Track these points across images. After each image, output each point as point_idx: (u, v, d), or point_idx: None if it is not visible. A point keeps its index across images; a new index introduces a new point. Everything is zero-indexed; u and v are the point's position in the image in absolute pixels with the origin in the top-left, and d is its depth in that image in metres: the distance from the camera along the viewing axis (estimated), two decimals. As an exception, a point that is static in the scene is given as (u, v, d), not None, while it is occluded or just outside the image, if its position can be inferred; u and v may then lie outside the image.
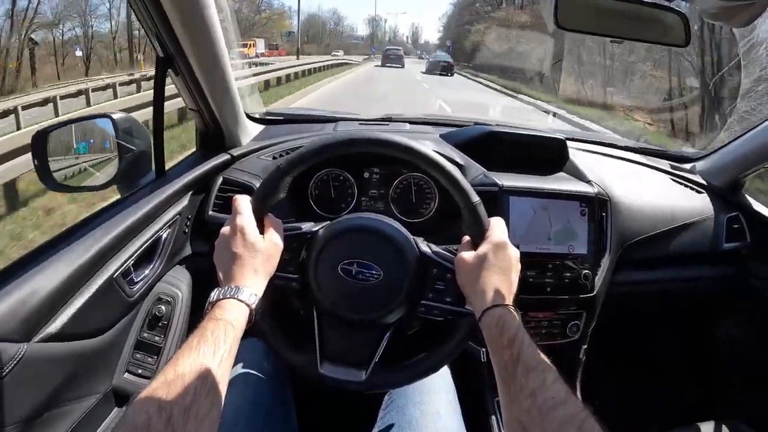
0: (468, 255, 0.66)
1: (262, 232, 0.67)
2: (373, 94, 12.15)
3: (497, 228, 0.68)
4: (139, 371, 0.86)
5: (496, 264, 0.64)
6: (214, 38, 0.84)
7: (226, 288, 0.61)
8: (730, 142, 1.27)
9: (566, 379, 0.51)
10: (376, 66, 27.03)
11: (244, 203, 0.67)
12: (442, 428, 0.77)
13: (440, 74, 22.59)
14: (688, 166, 1.34)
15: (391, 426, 0.78)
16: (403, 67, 27.32)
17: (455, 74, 24.14)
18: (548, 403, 0.48)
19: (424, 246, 0.71)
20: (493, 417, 1.01)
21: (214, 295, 0.60)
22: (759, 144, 1.17)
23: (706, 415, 0.96)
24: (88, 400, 0.77)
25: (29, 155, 1.50)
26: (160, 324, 0.89)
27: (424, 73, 23.62)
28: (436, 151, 0.70)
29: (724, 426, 0.92)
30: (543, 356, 0.54)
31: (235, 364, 0.69)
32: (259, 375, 0.84)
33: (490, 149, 1.12)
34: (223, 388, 0.52)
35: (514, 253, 0.67)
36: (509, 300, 0.62)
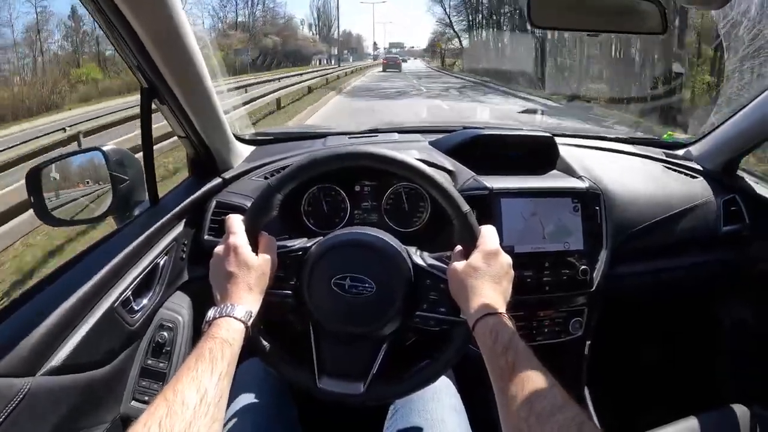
0: (460, 265, 0.66)
1: (255, 250, 0.67)
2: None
3: (488, 236, 0.68)
4: (146, 398, 0.86)
5: (488, 272, 0.64)
6: (195, 66, 0.85)
7: (222, 306, 0.62)
8: (720, 125, 1.26)
9: (572, 375, 0.50)
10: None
11: (236, 222, 0.68)
12: None
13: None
14: (681, 152, 1.33)
15: None
16: (400, 71, 28.79)
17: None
18: (546, 409, 0.48)
19: (417, 257, 0.72)
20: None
21: (210, 314, 0.62)
22: (749, 124, 1.16)
23: (715, 400, 0.95)
24: (96, 429, 0.78)
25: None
26: (163, 350, 0.90)
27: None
28: (424, 160, 0.70)
29: (734, 409, 0.91)
30: (538, 362, 0.54)
31: (235, 388, 0.70)
32: (259, 400, 0.84)
33: (480, 153, 1.13)
34: (222, 406, 0.52)
35: (506, 260, 0.67)
36: (502, 308, 0.62)
